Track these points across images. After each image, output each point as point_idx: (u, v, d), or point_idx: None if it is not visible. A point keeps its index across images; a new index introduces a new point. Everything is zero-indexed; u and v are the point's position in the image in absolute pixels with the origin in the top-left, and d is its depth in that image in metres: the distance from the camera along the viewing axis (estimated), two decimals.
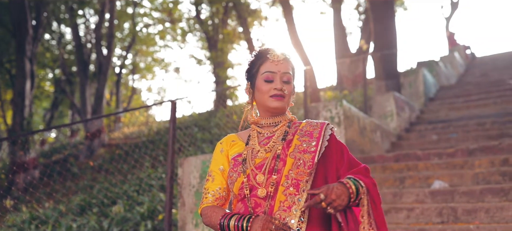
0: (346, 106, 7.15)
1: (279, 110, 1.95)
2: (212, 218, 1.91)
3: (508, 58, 15.28)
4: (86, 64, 18.33)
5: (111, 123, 23.47)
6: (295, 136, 1.94)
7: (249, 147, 1.97)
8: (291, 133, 1.96)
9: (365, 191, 1.72)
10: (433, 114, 9.83)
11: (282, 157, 1.88)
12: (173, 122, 5.08)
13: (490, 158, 5.77)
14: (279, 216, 1.79)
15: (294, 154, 1.87)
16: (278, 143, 1.92)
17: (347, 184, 1.69)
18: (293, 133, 1.95)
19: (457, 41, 17.04)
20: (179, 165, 5.00)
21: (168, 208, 5.05)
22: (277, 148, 1.90)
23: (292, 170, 1.84)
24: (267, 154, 1.91)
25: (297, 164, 1.85)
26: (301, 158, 1.85)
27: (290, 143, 1.92)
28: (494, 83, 11.56)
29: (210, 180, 2.03)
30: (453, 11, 23.94)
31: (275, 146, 1.92)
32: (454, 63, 14.49)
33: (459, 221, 4.42)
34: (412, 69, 11.32)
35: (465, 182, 5.36)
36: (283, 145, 1.91)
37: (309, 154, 1.86)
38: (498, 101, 9.51)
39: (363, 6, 17.10)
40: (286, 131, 1.96)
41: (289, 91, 1.95)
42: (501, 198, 4.68)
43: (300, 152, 1.87)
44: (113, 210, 8.16)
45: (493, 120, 8.32)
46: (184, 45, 25.02)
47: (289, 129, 1.98)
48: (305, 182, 1.82)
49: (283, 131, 1.96)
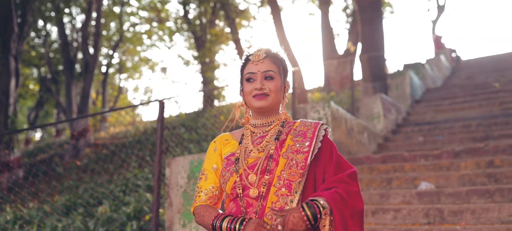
0: (334, 107, 7.18)
1: (264, 109, 1.93)
2: (205, 217, 1.90)
3: (492, 61, 15.46)
4: (72, 63, 18.15)
5: (97, 122, 23.29)
6: (288, 135, 1.92)
7: (242, 146, 1.95)
8: (285, 132, 1.94)
9: (327, 212, 1.68)
10: (420, 117, 9.91)
11: (274, 157, 1.86)
12: (161, 122, 5.06)
13: (476, 160, 5.83)
14: (270, 216, 1.78)
15: (286, 154, 1.86)
16: (271, 143, 1.90)
17: (302, 212, 1.68)
18: (287, 133, 1.94)
19: (443, 44, 17.20)
20: (166, 165, 4.97)
21: (155, 208, 5.02)
22: (270, 147, 1.89)
23: (285, 170, 1.83)
24: (260, 153, 1.90)
25: (289, 165, 1.83)
26: (293, 159, 1.84)
27: (283, 142, 1.90)
28: (479, 86, 11.68)
29: (203, 179, 2.01)
30: (440, 14, 24.15)
31: (268, 145, 1.90)
32: (440, 66, 14.62)
33: (445, 222, 4.46)
34: (399, 71, 11.40)
35: (451, 184, 5.40)
36: (276, 144, 1.89)
37: (302, 155, 1.85)
38: (484, 104, 9.62)
39: (351, 8, 17.18)
40: (279, 131, 1.94)
41: (273, 88, 1.91)
42: (487, 200, 4.73)
43: (293, 152, 1.86)
44: (99, 210, 8.09)
45: (478, 122, 8.41)
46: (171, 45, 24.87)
47: (282, 128, 1.96)
48: (298, 183, 1.81)
49: (277, 131, 1.94)
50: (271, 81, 1.93)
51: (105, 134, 21.32)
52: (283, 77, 1.97)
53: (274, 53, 2.00)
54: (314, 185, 1.86)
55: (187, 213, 4.73)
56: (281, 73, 1.96)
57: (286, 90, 2.00)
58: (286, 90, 2.00)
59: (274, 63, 1.95)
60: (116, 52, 24.11)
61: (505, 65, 14.04)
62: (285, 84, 1.98)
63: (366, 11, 10.30)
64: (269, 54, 1.98)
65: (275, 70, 1.94)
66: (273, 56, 1.98)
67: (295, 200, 1.79)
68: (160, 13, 22.27)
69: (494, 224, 4.21)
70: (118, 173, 12.87)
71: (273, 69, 1.93)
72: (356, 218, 1.75)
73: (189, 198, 4.74)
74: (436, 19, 24.10)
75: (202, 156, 4.80)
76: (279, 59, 1.99)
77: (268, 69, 1.93)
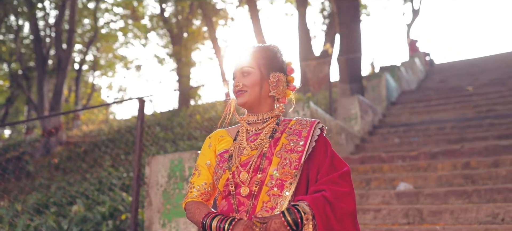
0: (313, 108, 7.19)
1: (244, 105, 1.90)
2: (196, 214, 1.86)
3: (465, 65, 15.79)
4: (45, 59, 17.75)
5: (70, 120, 22.87)
6: (283, 134, 1.88)
7: (236, 143, 1.91)
8: (280, 130, 1.90)
9: (309, 217, 1.65)
10: (395, 118, 10.03)
11: (268, 156, 1.83)
12: (141, 120, 4.98)
13: (452, 161, 5.92)
14: (261, 216, 1.74)
15: (280, 153, 1.82)
16: (265, 141, 1.86)
17: (282, 218, 1.64)
18: (282, 131, 1.90)
19: (418, 48, 17.48)
20: (146, 164, 4.89)
21: (134, 207, 4.94)
22: (264, 146, 1.85)
23: (278, 169, 1.79)
24: (253, 151, 1.86)
25: (283, 164, 1.79)
26: (287, 158, 1.80)
27: (277, 141, 1.86)
28: (453, 89, 11.90)
29: (196, 175, 1.97)
30: (414, 18, 24.56)
31: (262, 143, 1.86)
32: (414, 69, 14.85)
33: (425, 222, 4.51)
34: (375, 73, 11.53)
35: (429, 184, 5.47)
36: (270, 143, 1.85)
37: (296, 154, 1.81)
38: (457, 107, 9.80)
39: (328, 10, 17.30)
40: (274, 129, 1.90)
41: (249, 84, 1.87)
42: (464, 200, 4.80)
43: (287, 151, 1.82)
44: (72, 210, 7.92)
45: (453, 124, 8.56)
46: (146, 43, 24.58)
47: (277, 126, 1.92)
48: (289, 184, 1.77)
49: (272, 128, 1.90)
50: (247, 77, 1.89)
51: (77, 132, 20.95)
52: (266, 71, 1.89)
53: (254, 49, 1.95)
54: (306, 186, 1.82)
55: (167, 212, 4.66)
56: (260, 67, 1.89)
57: (278, 85, 1.89)
58: (278, 84, 1.89)
59: (252, 59, 1.91)
60: (90, 49, 23.70)
61: (477, 69, 14.35)
62: (271, 77, 1.89)
63: (344, 13, 10.38)
64: (251, 50, 1.95)
65: (251, 65, 1.89)
66: (253, 52, 1.94)
67: (286, 202, 1.76)
68: (136, 11, 22.01)
69: (472, 224, 4.27)
70: (92, 172, 12.65)
71: (249, 65, 1.89)
72: (346, 221, 1.70)
73: (169, 197, 4.67)
74: (411, 23, 24.50)
75: (182, 155, 4.74)
76: (259, 54, 1.93)
77: (244, 66, 1.90)
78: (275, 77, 1.90)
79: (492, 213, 4.27)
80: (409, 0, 24.46)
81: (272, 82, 1.89)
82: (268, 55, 1.94)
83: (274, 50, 1.98)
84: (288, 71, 1.97)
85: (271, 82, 1.89)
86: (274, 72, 1.91)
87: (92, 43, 22.76)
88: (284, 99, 1.98)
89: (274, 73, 1.90)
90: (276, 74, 1.91)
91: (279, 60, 1.96)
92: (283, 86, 1.92)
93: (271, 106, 1.93)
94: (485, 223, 4.24)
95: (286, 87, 1.96)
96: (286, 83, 1.96)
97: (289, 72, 1.97)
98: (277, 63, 1.94)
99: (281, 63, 1.96)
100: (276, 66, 1.93)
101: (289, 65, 1.98)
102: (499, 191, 4.71)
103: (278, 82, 1.91)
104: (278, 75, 1.91)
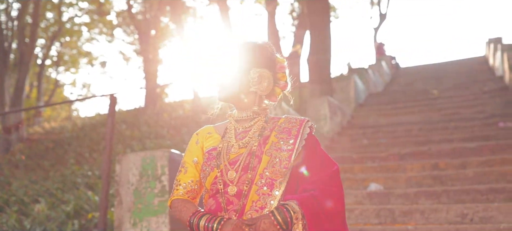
0: (285, 108, 7.21)
1: (224, 100, 1.89)
2: (182, 213, 1.81)
3: (430, 70, 16.15)
4: (6, 53, 17.15)
5: (31, 117, 22.21)
6: (272, 132, 1.85)
7: (224, 141, 1.87)
8: (269, 128, 1.87)
9: (299, 216, 1.63)
10: (363, 120, 10.16)
11: (257, 154, 1.79)
12: (112, 117, 4.86)
13: (421, 163, 6.03)
14: (250, 216, 1.71)
15: (270, 152, 1.79)
16: (254, 139, 1.83)
17: (272, 217, 1.61)
18: (271, 129, 1.86)
19: (384, 51, 17.80)
20: (117, 162, 4.77)
21: (103, 206, 4.81)
22: (253, 144, 1.81)
23: (267, 168, 1.76)
24: (241, 149, 1.82)
25: (273, 163, 1.76)
26: (277, 156, 1.77)
27: (267, 139, 1.83)
28: (419, 92, 12.15)
29: (182, 172, 1.91)
30: (381, 22, 24.99)
31: (250, 141, 1.82)
32: (381, 72, 15.10)
33: (396, 222, 4.57)
34: (344, 75, 11.66)
35: (400, 185, 5.56)
36: (259, 141, 1.82)
37: (286, 153, 1.78)
38: (423, 110, 10.01)
39: (297, 11, 17.40)
40: (263, 127, 1.86)
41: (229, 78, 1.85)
42: (434, 201, 4.90)
43: (277, 149, 1.79)
44: (35, 208, 7.67)
45: (419, 126, 8.73)
46: (112, 40, 24.12)
47: (266, 124, 1.88)
48: (279, 183, 1.74)
49: (260, 126, 1.86)
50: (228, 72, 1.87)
51: (39, 128, 20.38)
52: (248, 66, 1.84)
53: (240, 44, 1.92)
54: (296, 185, 1.79)
55: (138, 211, 4.56)
56: (242, 62, 1.85)
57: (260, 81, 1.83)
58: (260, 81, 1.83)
59: (234, 54, 1.89)
60: (54, 44, 23.08)
61: (441, 73, 14.70)
62: (251, 73, 1.83)
63: (315, 14, 10.45)
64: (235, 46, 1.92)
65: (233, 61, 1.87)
66: (237, 47, 1.90)
67: (275, 201, 1.72)
68: (102, 6, 21.56)
69: (443, 224, 4.36)
70: (55, 170, 12.32)
71: (231, 60, 1.88)
72: (335, 220, 1.69)
73: (141, 196, 4.57)
74: (378, 27, 24.92)
75: (155, 153, 4.65)
76: (243, 49, 1.89)
77: (227, 61, 1.88)
78: (256, 73, 1.83)
79: (461, 213, 4.36)
80: (376, 4, 24.88)
81: (253, 79, 1.83)
82: (252, 51, 1.88)
83: (261, 46, 1.93)
84: (278, 69, 1.92)
85: (252, 78, 1.83)
86: (255, 68, 1.84)
87: (56, 38, 22.17)
88: (274, 98, 1.94)
89: (256, 69, 1.84)
90: (258, 70, 1.84)
91: (264, 56, 1.89)
92: (268, 83, 1.85)
93: (258, 104, 1.88)
94: (455, 223, 4.33)
95: (275, 85, 1.91)
96: (275, 81, 1.90)
97: (279, 70, 1.92)
98: (262, 60, 1.87)
99: (267, 60, 1.89)
100: (260, 63, 1.86)
101: (280, 63, 1.93)
102: (467, 192, 4.82)
103: (261, 79, 1.84)
104: (260, 71, 1.84)
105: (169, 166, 4.53)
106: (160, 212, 4.47)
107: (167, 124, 15.33)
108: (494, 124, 8.20)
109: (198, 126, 13.33)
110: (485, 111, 9.16)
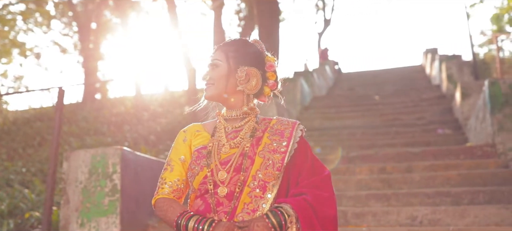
0: None
1: (210, 98, 1.83)
2: (168, 213, 1.72)
3: (370, 76, 16.69)
4: None
5: None
6: (265, 133, 1.80)
7: (215, 139, 1.81)
8: (261, 129, 1.82)
9: (293, 220, 1.60)
10: (309, 122, 10.28)
11: (250, 155, 1.74)
12: (60, 111, 4.62)
13: (369, 166, 6.18)
14: (242, 218, 1.66)
15: (263, 153, 1.74)
16: (246, 139, 1.77)
17: (266, 220, 1.58)
18: (263, 130, 1.82)
19: (328, 56, 18.18)
20: (64, 159, 4.53)
21: (48, 205, 4.56)
22: (245, 144, 1.76)
23: (260, 170, 1.71)
24: (232, 149, 1.76)
25: (266, 164, 1.72)
26: (270, 158, 1.73)
27: (259, 140, 1.78)
28: (361, 97, 12.49)
29: (168, 170, 1.83)
30: (325, 28, 25.51)
31: (242, 142, 1.77)
32: (325, 76, 15.40)
33: (349, 224, 4.65)
34: (290, 78, 11.78)
35: (350, 188, 5.66)
36: (252, 142, 1.77)
37: (279, 155, 1.73)
38: (366, 114, 10.28)
39: (244, 12, 17.41)
40: (254, 127, 1.81)
41: (216, 76, 1.78)
42: (384, 203, 5.03)
43: (270, 151, 1.74)
44: None
45: (363, 130, 8.97)
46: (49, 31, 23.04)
47: (257, 124, 1.83)
48: (272, 186, 1.70)
49: (252, 127, 1.81)
50: (215, 69, 1.81)
51: None
52: (235, 64, 1.79)
53: (227, 41, 1.88)
54: (287, 188, 1.75)
55: (87, 211, 4.35)
56: (229, 60, 1.79)
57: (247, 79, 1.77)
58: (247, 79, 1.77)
59: (222, 51, 1.83)
60: None
61: (381, 80, 15.21)
62: (239, 71, 1.77)
63: (264, 16, 10.50)
64: (223, 44, 1.87)
65: (220, 58, 1.81)
66: (225, 44, 1.86)
67: (267, 204, 1.68)
68: None
69: (394, 226, 4.48)
70: None
71: (218, 58, 1.81)
72: (328, 225, 1.66)
73: (90, 195, 4.36)
74: (322, 32, 25.42)
75: (106, 150, 4.46)
76: (230, 47, 1.84)
77: (213, 58, 1.82)
78: (243, 71, 1.78)
79: (411, 215, 4.50)
80: (321, 9, 25.39)
81: (240, 77, 1.78)
82: (240, 49, 1.84)
83: (249, 44, 1.89)
84: (267, 67, 1.86)
85: (239, 76, 1.78)
86: (243, 66, 1.80)
87: None
88: (263, 97, 1.90)
89: (243, 67, 1.79)
90: (245, 68, 1.79)
91: (253, 55, 1.84)
92: (257, 82, 1.80)
93: (246, 103, 1.82)
94: (406, 225, 4.46)
95: (264, 84, 1.86)
96: (264, 80, 1.85)
97: (268, 69, 1.86)
98: (250, 58, 1.83)
99: (255, 58, 1.84)
100: (248, 61, 1.82)
101: (269, 61, 1.87)
102: (415, 195, 4.98)
103: (249, 77, 1.79)
104: (247, 69, 1.79)
105: (121, 164, 4.37)
106: (110, 212, 4.30)
107: (107, 121, 14.82)
108: (433, 130, 8.57)
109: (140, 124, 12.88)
110: (424, 118, 9.56)
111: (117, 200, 4.30)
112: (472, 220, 4.37)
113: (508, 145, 6.09)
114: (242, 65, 1.80)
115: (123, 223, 4.30)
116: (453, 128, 8.51)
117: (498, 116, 6.21)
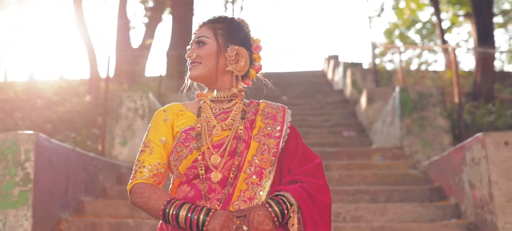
0: (151, 99, 6.92)
1: (197, 79, 1.69)
2: (151, 199, 1.53)
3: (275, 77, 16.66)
4: None
5: None
6: (257, 116, 1.70)
7: (203, 120, 1.65)
8: (251, 112, 1.71)
9: (295, 209, 1.50)
10: None
11: (245, 139, 1.62)
12: None
13: None
14: (238, 206, 1.53)
15: (258, 138, 1.63)
16: (239, 122, 1.65)
17: (269, 208, 1.47)
18: (254, 113, 1.71)
19: None
20: None
21: None
22: (238, 127, 1.63)
23: (257, 155, 1.60)
24: (224, 132, 1.63)
25: (261, 149, 1.61)
26: (266, 143, 1.62)
27: (253, 123, 1.67)
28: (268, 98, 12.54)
29: (147, 152, 1.63)
30: None
31: (235, 124, 1.64)
32: None
33: None
34: None
35: None
36: (245, 124, 1.65)
37: (274, 139, 1.63)
38: None
39: (150, 2, 16.88)
40: (243, 109, 1.69)
41: (204, 54, 1.66)
42: None
43: (265, 135, 1.64)
44: None
45: None
46: None
47: (246, 107, 1.72)
48: (268, 173, 1.60)
49: (241, 109, 1.69)
50: (203, 47, 1.68)
51: None
52: (224, 43, 1.68)
53: (213, 18, 1.75)
54: (280, 176, 1.66)
55: None
56: (218, 38, 1.68)
57: (237, 59, 1.67)
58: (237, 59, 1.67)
59: (209, 28, 1.70)
60: None
61: (286, 82, 15.55)
62: (229, 50, 1.67)
63: (178, 7, 10.24)
64: (208, 20, 1.74)
65: (208, 35, 1.68)
66: (211, 21, 1.73)
67: (264, 191, 1.57)
68: None
69: None
70: None
71: (205, 35, 1.69)
72: (325, 215, 1.58)
73: None
74: None
75: (18, 135, 3.98)
76: (218, 23, 1.72)
77: (201, 35, 1.69)
78: (233, 50, 1.68)
79: (335, 212, 4.60)
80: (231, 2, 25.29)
81: (230, 56, 1.67)
82: (228, 27, 1.73)
83: (237, 22, 1.77)
84: (254, 48, 1.76)
85: (229, 56, 1.67)
86: (232, 45, 1.69)
87: None
88: (247, 80, 1.79)
89: (233, 46, 1.69)
90: (235, 48, 1.69)
91: (241, 34, 1.75)
92: (245, 63, 1.71)
93: (235, 85, 1.71)
94: None
95: (250, 66, 1.76)
96: (251, 61, 1.75)
97: (254, 50, 1.76)
98: (239, 37, 1.73)
99: (243, 38, 1.74)
100: (237, 40, 1.71)
101: (255, 42, 1.77)
102: (336, 192, 5.10)
103: (238, 57, 1.69)
104: (237, 49, 1.69)
105: (35, 151, 3.95)
106: (21, 203, 3.87)
107: None
108: (339, 132, 8.94)
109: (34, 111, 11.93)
110: (330, 120, 9.94)
111: (29, 190, 3.87)
112: (391, 217, 4.57)
113: (414, 148, 6.52)
114: (231, 44, 1.69)
115: (35, 216, 3.89)
116: (357, 130, 8.94)
117: (406, 121, 6.61)
